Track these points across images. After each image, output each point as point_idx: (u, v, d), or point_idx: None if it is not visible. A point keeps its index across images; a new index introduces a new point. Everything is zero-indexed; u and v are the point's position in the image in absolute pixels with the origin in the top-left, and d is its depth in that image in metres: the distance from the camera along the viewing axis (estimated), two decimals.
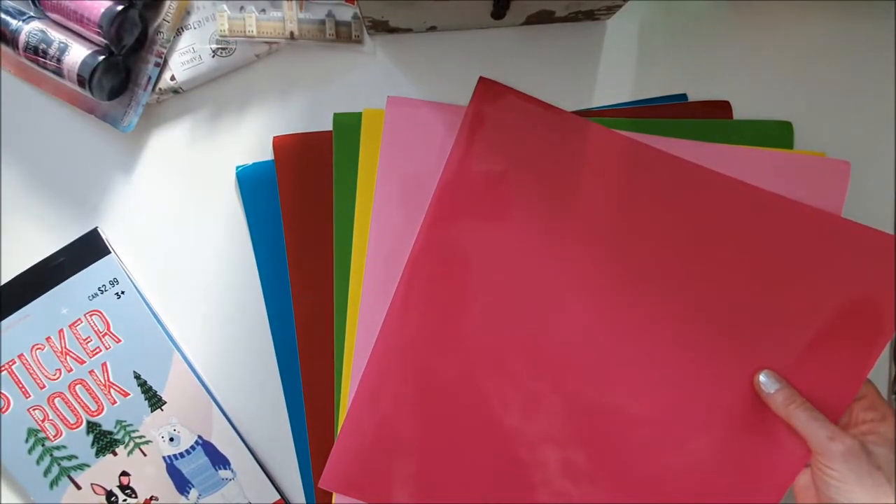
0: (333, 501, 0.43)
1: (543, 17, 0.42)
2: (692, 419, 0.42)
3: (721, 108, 0.44)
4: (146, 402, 0.44)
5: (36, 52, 0.40)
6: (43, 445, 0.43)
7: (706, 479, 0.42)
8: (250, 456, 0.44)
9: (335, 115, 0.43)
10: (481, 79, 0.43)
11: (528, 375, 0.42)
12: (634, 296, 0.42)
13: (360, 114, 0.43)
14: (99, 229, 0.44)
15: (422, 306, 0.42)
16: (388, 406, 0.42)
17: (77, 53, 0.40)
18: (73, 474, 0.44)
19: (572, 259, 0.42)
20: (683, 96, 0.44)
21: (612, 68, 0.44)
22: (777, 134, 0.44)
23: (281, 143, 0.44)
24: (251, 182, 0.44)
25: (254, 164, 0.44)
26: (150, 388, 0.44)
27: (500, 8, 0.39)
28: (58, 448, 0.43)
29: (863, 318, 0.41)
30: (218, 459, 0.44)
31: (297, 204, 0.44)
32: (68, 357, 0.43)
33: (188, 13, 0.43)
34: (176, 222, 0.45)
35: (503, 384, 0.42)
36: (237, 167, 0.44)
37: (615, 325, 0.42)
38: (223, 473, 0.44)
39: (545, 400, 0.42)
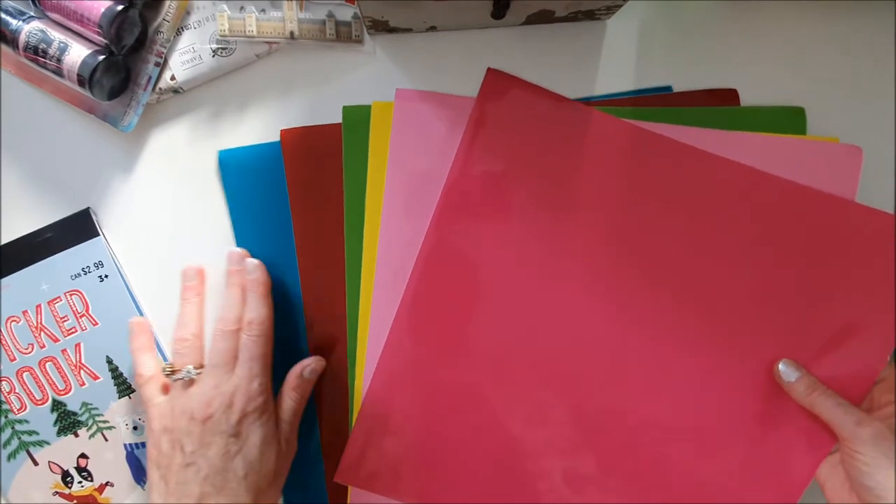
0: (349, 501, 0.43)
1: (543, 17, 0.42)
2: (709, 418, 0.41)
3: (728, 97, 0.44)
4: (115, 387, 0.44)
5: (36, 52, 0.40)
6: (6, 417, 0.43)
7: (726, 478, 0.41)
8: None
9: (344, 107, 0.43)
10: (489, 70, 0.43)
11: (536, 381, 0.42)
12: (647, 292, 0.42)
13: (369, 106, 0.43)
14: (91, 210, 0.44)
15: (431, 309, 0.42)
16: (395, 410, 0.42)
17: (77, 53, 0.40)
18: (31, 450, 0.44)
19: (582, 257, 0.42)
20: (668, 88, 0.44)
21: (612, 68, 0.44)
22: (789, 120, 0.43)
23: (288, 136, 0.44)
24: (233, 166, 0.44)
25: (237, 148, 0.44)
26: (121, 374, 0.44)
27: (500, 8, 0.39)
28: (20, 422, 0.44)
29: (879, 301, 0.40)
30: None
31: (306, 195, 0.44)
32: (43, 333, 0.43)
33: (188, 13, 0.43)
34: (174, 221, 0.45)
35: (511, 391, 0.42)
36: (219, 151, 0.44)
37: (627, 323, 0.42)
38: None
39: (553, 407, 0.42)
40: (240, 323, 0.40)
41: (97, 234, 0.44)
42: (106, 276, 0.44)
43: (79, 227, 0.44)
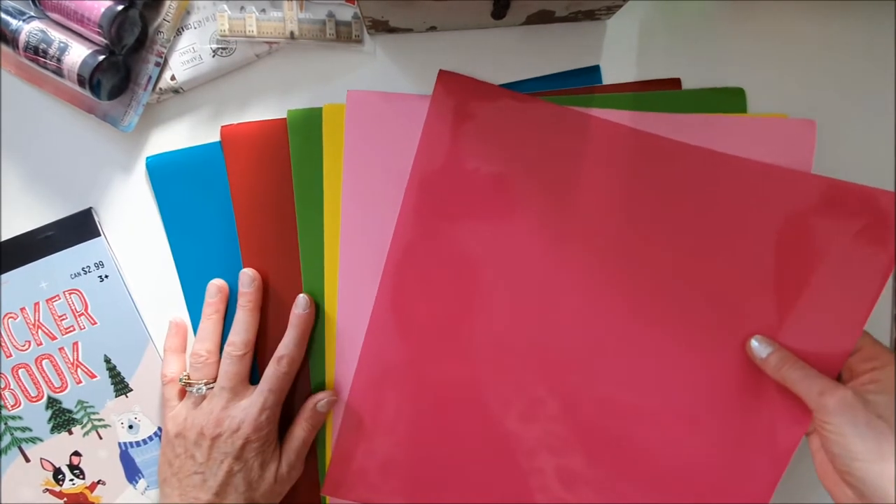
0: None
1: (543, 17, 0.42)
2: (694, 403, 0.42)
3: (670, 85, 0.44)
4: (112, 386, 0.44)
5: (36, 52, 0.40)
6: None
7: (710, 460, 0.42)
8: None
9: (289, 111, 0.43)
10: (441, 72, 0.43)
11: (527, 376, 0.42)
12: (626, 281, 0.42)
13: (313, 109, 0.43)
14: (93, 210, 0.44)
15: (407, 306, 0.42)
16: (381, 413, 0.43)
17: (77, 53, 0.40)
18: (24, 446, 0.44)
19: (562, 247, 0.42)
20: (596, 68, 0.44)
21: (613, 68, 0.44)
22: (729, 101, 0.43)
23: (229, 133, 0.43)
24: (164, 172, 0.44)
25: (165, 153, 0.44)
26: (119, 373, 0.44)
27: (500, 8, 0.39)
28: (13, 418, 0.44)
29: (851, 269, 0.40)
30: None
31: (249, 194, 0.43)
32: (40, 331, 0.43)
33: (188, 13, 0.43)
34: None
35: (500, 386, 0.42)
36: (147, 158, 0.44)
37: (607, 313, 0.42)
38: None
39: (544, 402, 0.42)
40: (248, 347, 0.41)
41: (98, 235, 0.44)
42: (106, 277, 0.44)
43: (80, 227, 0.44)
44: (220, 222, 0.43)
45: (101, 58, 0.40)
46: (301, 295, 0.42)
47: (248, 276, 0.42)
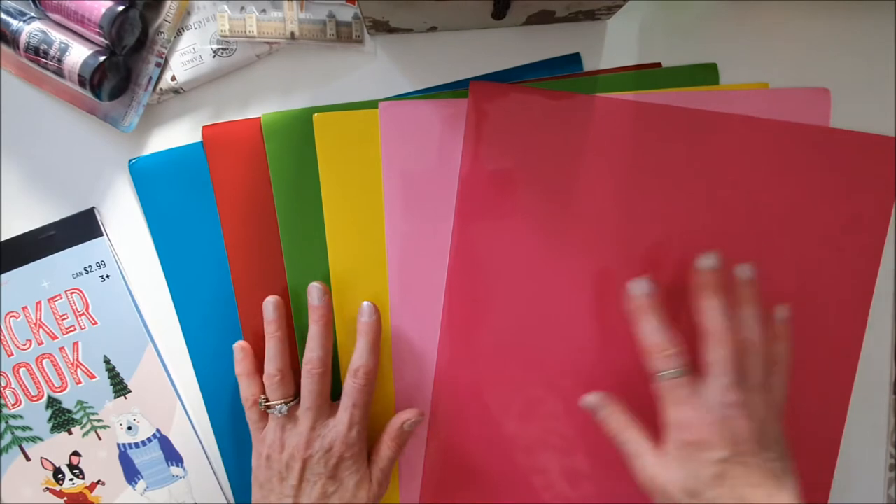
0: None
1: (544, 18, 0.42)
2: None
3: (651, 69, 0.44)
4: (111, 387, 0.44)
5: (37, 53, 0.40)
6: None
7: None
8: (205, 457, 0.45)
9: (264, 115, 0.43)
10: (472, 83, 0.43)
11: (549, 376, 0.42)
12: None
13: (288, 112, 0.43)
14: (95, 210, 0.44)
15: (465, 312, 0.43)
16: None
17: (78, 54, 0.40)
18: (24, 445, 0.44)
19: (590, 252, 0.42)
20: (577, 56, 0.44)
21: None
22: (703, 77, 0.44)
23: (211, 133, 0.43)
24: (148, 175, 0.44)
25: (148, 155, 0.44)
26: (118, 374, 0.44)
27: (500, 8, 0.39)
28: (14, 417, 0.44)
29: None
30: (172, 455, 0.44)
31: (234, 196, 0.43)
32: (41, 330, 0.43)
33: (189, 13, 0.43)
34: None
35: (523, 394, 0.43)
36: (130, 161, 0.44)
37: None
38: (174, 470, 0.45)
39: (569, 402, 0.42)
40: (325, 365, 0.41)
41: (101, 234, 0.44)
42: (108, 277, 0.44)
43: (82, 227, 0.44)
44: (206, 222, 0.43)
45: (102, 58, 0.40)
46: (365, 302, 0.41)
47: (317, 290, 0.41)
